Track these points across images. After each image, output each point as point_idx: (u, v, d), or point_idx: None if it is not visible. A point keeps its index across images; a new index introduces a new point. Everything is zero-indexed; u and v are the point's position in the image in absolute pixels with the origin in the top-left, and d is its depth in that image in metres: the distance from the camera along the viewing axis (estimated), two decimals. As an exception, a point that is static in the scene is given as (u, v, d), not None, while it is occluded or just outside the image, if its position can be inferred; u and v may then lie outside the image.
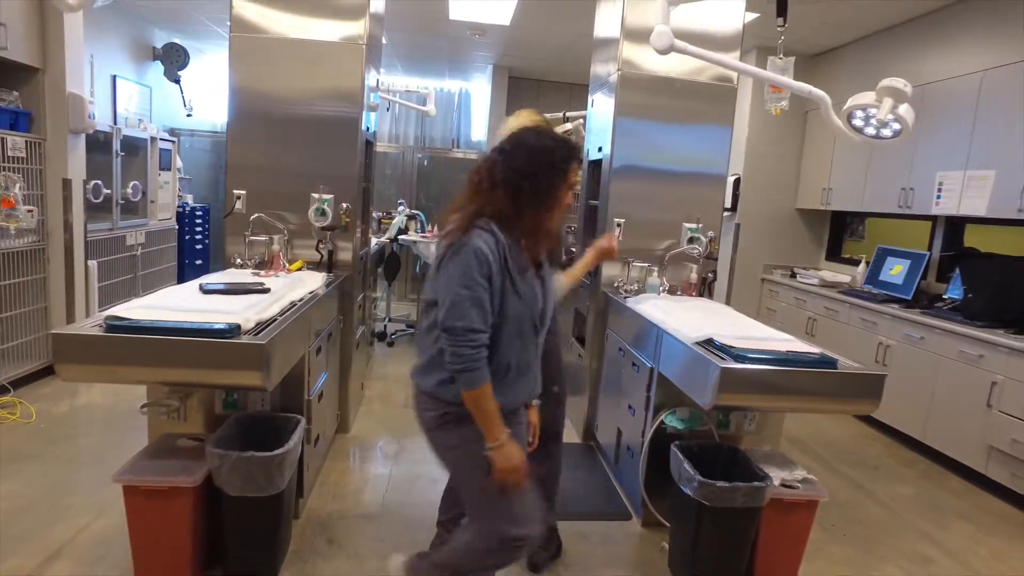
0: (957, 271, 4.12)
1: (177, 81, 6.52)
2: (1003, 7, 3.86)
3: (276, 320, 2.20)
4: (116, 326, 1.87)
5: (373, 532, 2.60)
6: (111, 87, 5.58)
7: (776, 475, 2.33)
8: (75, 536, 2.40)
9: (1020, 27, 3.73)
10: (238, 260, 3.19)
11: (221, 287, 2.43)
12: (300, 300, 2.61)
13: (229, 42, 3.21)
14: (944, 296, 4.20)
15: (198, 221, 6.47)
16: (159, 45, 6.36)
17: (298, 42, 3.24)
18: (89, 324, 1.96)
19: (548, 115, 5.82)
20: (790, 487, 2.32)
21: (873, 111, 2.06)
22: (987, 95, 3.91)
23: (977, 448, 3.46)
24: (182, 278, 6.06)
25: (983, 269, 3.91)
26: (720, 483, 2.17)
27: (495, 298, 1.59)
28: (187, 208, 6.30)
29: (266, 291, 2.46)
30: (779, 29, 2.18)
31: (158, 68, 6.38)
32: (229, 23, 3.25)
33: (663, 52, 2.29)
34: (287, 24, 3.24)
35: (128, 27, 5.84)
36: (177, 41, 6.46)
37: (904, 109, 2.01)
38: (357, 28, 3.29)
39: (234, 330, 1.92)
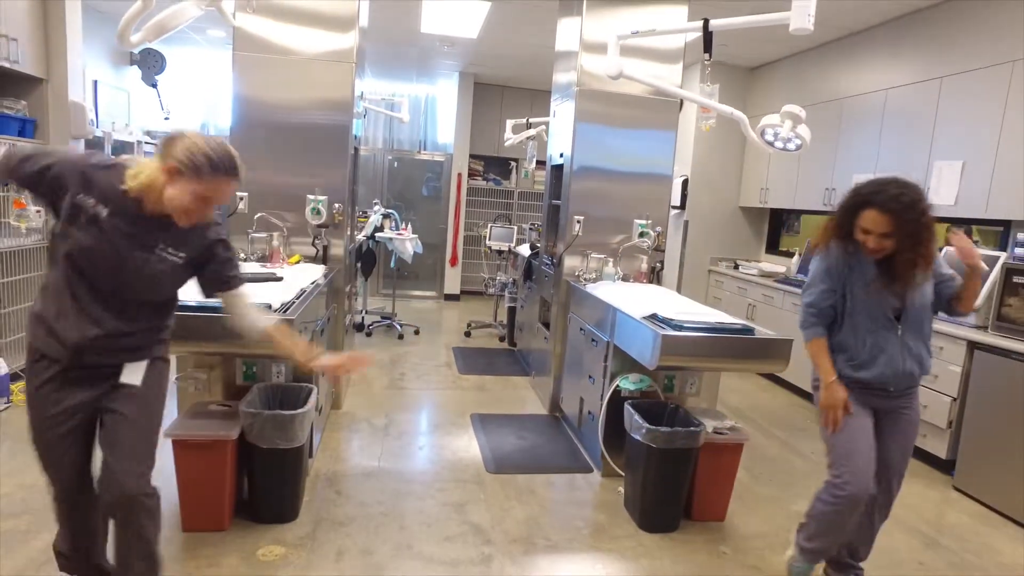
0: (870, 260, 4.75)
1: (154, 86, 6.75)
2: (900, 35, 4.51)
3: (295, 302, 2.61)
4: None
5: (374, 485, 3.04)
6: (93, 92, 5.81)
7: (709, 424, 2.85)
8: (117, 492, 2.76)
9: (916, 53, 4.37)
10: (241, 255, 3.56)
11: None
12: (307, 288, 3.02)
13: (232, 58, 3.57)
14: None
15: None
16: (136, 50, 6.59)
17: (295, 58, 3.63)
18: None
19: (511, 120, 6.35)
20: (720, 433, 2.85)
21: (779, 129, 2.60)
22: (890, 110, 4.55)
23: (883, 409, 4.08)
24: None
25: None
26: (663, 428, 2.68)
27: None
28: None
29: (279, 279, 2.87)
30: (706, 62, 2.70)
31: (135, 72, 6.61)
32: (219, 32, 3.61)
33: (614, 78, 2.79)
34: (285, 39, 3.63)
35: (108, 33, 6.06)
36: (153, 46, 6.70)
37: (802, 128, 2.55)
38: (348, 42, 3.70)
39: (267, 308, 2.33)
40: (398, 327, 6.16)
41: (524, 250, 5.69)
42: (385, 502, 2.89)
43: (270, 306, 2.37)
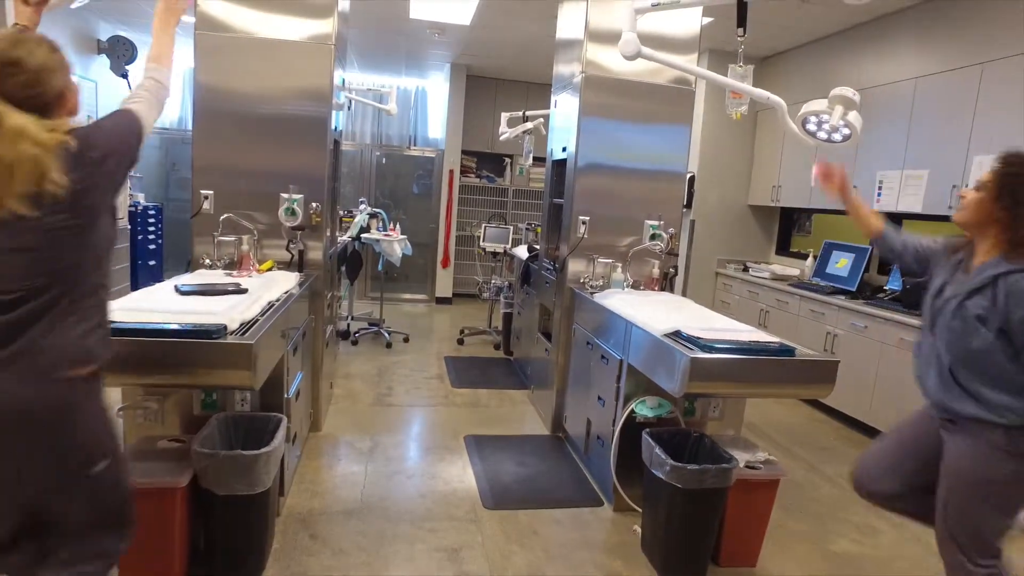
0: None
1: (124, 76, 6.31)
2: (932, 20, 4.15)
3: (258, 320, 2.22)
4: (100, 329, 1.86)
5: (355, 527, 2.64)
6: (55, 82, 5.37)
7: (740, 457, 2.48)
8: (50, 543, 2.36)
9: (948, 38, 4.02)
10: (207, 261, 3.16)
11: (198, 288, 2.42)
12: (277, 300, 2.62)
13: (194, 40, 3.16)
14: (885, 287, 4.49)
15: (151, 221, 6.30)
16: (104, 38, 6.15)
17: (266, 41, 3.22)
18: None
19: (506, 114, 5.96)
20: (753, 468, 2.48)
21: (826, 117, 2.23)
22: (920, 100, 4.20)
23: (916, 428, 3.73)
24: (136, 279, 5.89)
25: (919, 261, 4.21)
26: (691, 466, 2.31)
27: None
28: (139, 207, 6.12)
29: (243, 291, 2.47)
30: (739, 39, 2.32)
31: (103, 62, 6.17)
32: (192, 19, 3.20)
33: (630, 58, 2.41)
34: (254, 22, 3.22)
35: (71, 19, 5.62)
36: (123, 34, 6.26)
37: (853, 116, 2.18)
38: (326, 27, 3.29)
39: (220, 330, 1.94)
40: (386, 335, 5.76)
41: (520, 252, 5.31)
42: (367, 548, 2.50)
43: (226, 328, 1.96)
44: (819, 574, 2.57)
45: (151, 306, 2.09)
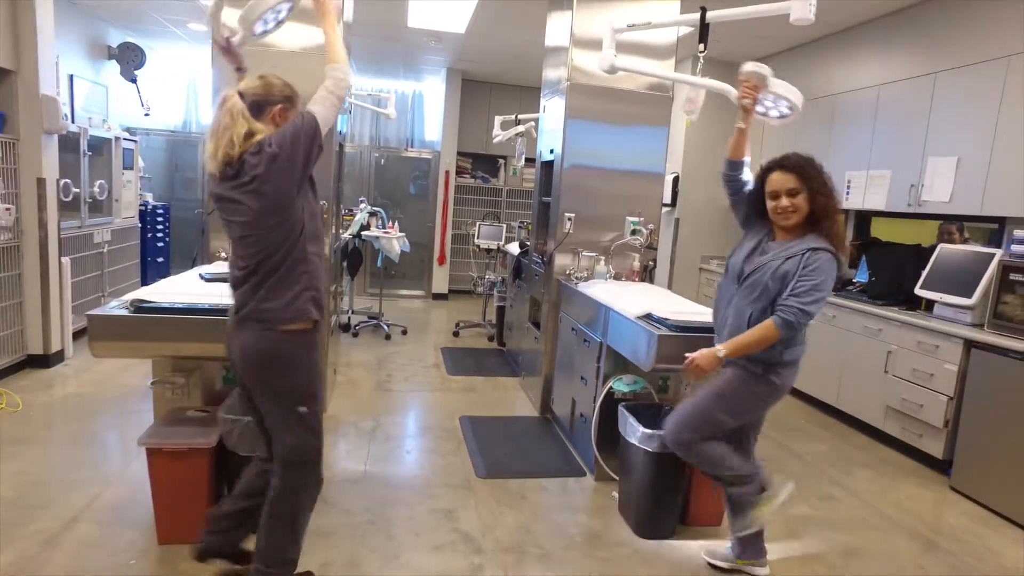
0: (864, 258, 4.72)
1: (134, 80, 6.58)
2: (894, 31, 4.46)
3: (276, 303, 2.50)
4: (142, 307, 2.15)
5: (360, 492, 2.93)
6: (69, 86, 5.64)
7: (706, 427, 2.77)
8: (90, 503, 2.64)
9: (907, 48, 4.33)
10: (223, 254, 3.44)
11: (220, 276, 2.70)
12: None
13: (211, 51, 3.43)
14: (854, 280, 4.79)
15: (159, 219, 6.57)
16: (114, 44, 6.42)
17: (278, 50, 3.50)
18: (116, 306, 2.22)
19: (500, 117, 6.24)
20: (717, 436, 2.77)
21: (761, 95, 2.47)
22: (883, 106, 4.51)
23: (877, 408, 4.04)
24: (145, 275, 6.16)
25: (883, 256, 4.51)
26: (659, 432, 2.60)
27: None
28: (148, 207, 6.40)
29: (260, 279, 2.75)
30: (699, 55, 2.62)
31: (113, 67, 6.44)
32: (198, 26, 3.47)
33: (610, 73, 2.70)
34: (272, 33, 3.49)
35: (84, 26, 5.90)
36: (132, 40, 6.53)
37: (782, 87, 2.40)
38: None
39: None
40: (385, 327, 6.04)
41: (513, 248, 5.60)
42: (372, 509, 2.79)
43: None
44: (778, 533, 2.86)
45: (183, 289, 2.38)
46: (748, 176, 2.44)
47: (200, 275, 2.72)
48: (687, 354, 2.25)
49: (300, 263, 1.90)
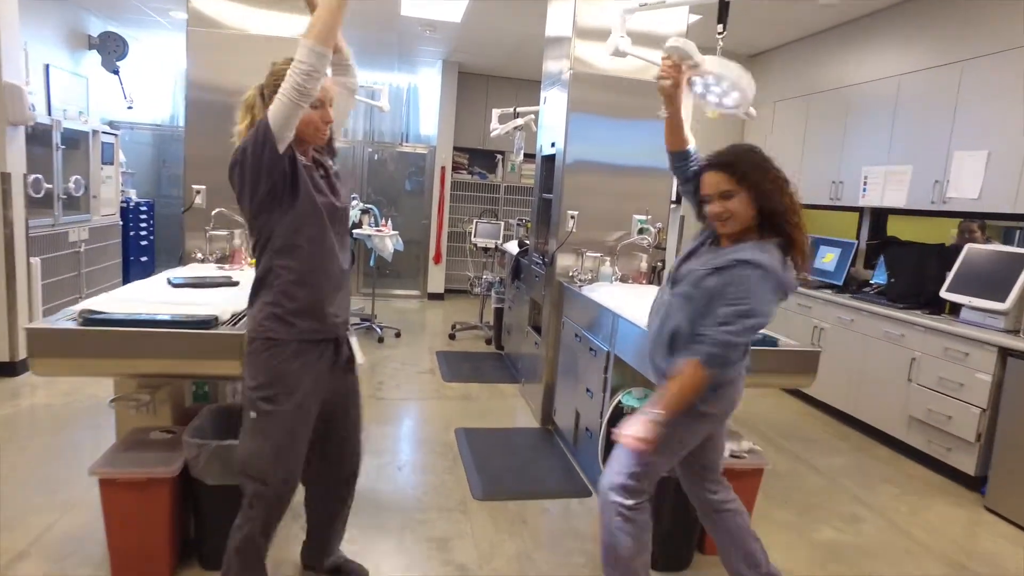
0: (881, 258, 4.47)
1: (116, 72, 6.30)
2: (915, 18, 4.21)
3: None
4: (92, 319, 1.89)
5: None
6: (44, 77, 5.36)
7: (725, 447, 2.52)
8: (42, 534, 2.38)
9: (930, 37, 4.08)
10: (199, 255, 3.18)
11: (189, 281, 2.44)
12: (268, 293, 2.64)
13: (186, 35, 3.17)
14: (871, 281, 4.55)
15: (142, 217, 6.30)
16: (95, 33, 6.13)
17: (259, 37, 3.24)
18: (63, 318, 1.96)
19: (498, 110, 5.98)
20: (738, 457, 2.53)
21: (712, 80, 2.14)
22: (904, 97, 4.26)
23: (899, 419, 3.79)
24: (127, 275, 5.90)
25: (903, 256, 4.27)
26: (675, 454, 2.34)
27: None
28: (131, 203, 6.12)
29: (235, 284, 2.50)
30: (718, 36, 2.36)
31: (94, 58, 6.15)
32: (183, 14, 3.21)
33: (621, 56, 2.44)
34: (247, 18, 3.24)
35: (60, 13, 5.61)
36: (114, 30, 6.25)
37: (721, 67, 2.02)
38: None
39: (212, 321, 1.96)
40: (378, 330, 5.78)
41: (511, 247, 5.34)
42: (358, 539, 2.53)
43: (216, 318, 1.99)
44: (802, 562, 2.62)
45: (143, 297, 2.12)
46: (699, 164, 2.07)
47: (168, 280, 2.46)
48: (615, 430, 1.88)
49: (268, 274, 1.75)
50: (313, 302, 1.76)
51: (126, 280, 5.78)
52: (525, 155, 6.00)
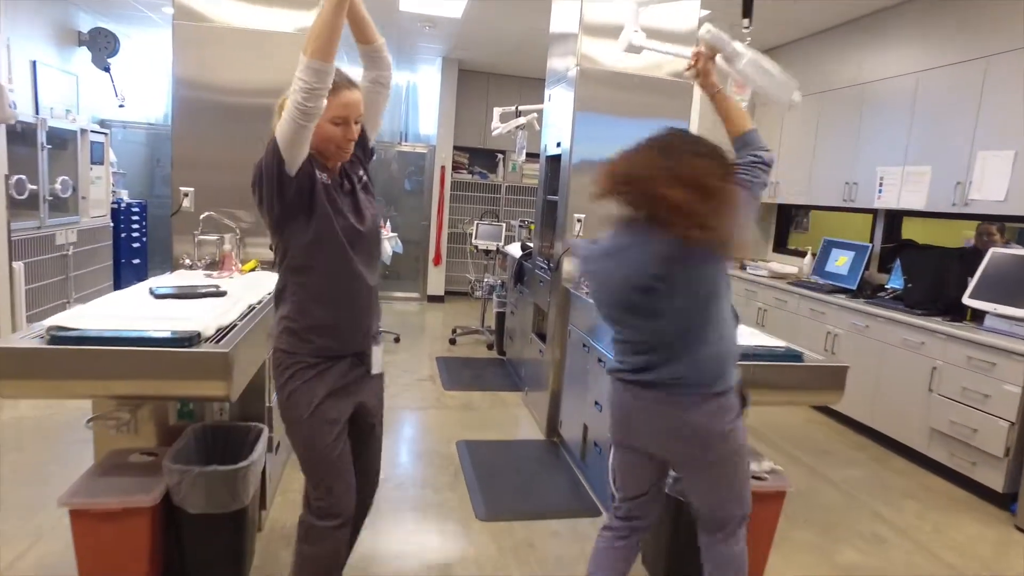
0: (897, 262, 4.31)
1: (107, 69, 6.12)
2: (935, 12, 4.04)
3: (237, 326, 2.08)
4: (61, 337, 1.72)
5: (341, 541, 2.51)
6: (31, 74, 5.18)
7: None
8: (12, 564, 2.21)
9: (952, 31, 3.92)
10: (187, 261, 3.02)
11: (173, 291, 2.28)
12: (259, 303, 2.48)
13: (172, 30, 3.00)
14: (886, 286, 4.39)
15: (134, 218, 6.13)
16: (85, 29, 5.96)
17: (249, 31, 3.07)
18: (30, 335, 1.79)
19: (499, 108, 5.82)
20: (759, 479, 2.37)
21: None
22: (922, 95, 4.10)
23: (919, 430, 3.64)
24: (118, 278, 5.73)
25: (921, 260, 4.10)
26: (694, 477, 2.19)
27: None
28: (122, 204, 5.95)
29: (222, 294, 2.33)
30: (744, 31, 2.20)
31: (85, 54, 5.98)
32: (172, 9, 3.04)
33: (635, 51, 2.29)
34: (236, 12, 3.07)
35: (49, 9, 5.43)
36: (105, 26, 6.07)
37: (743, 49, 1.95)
38: (312, 17, 3.13)
39: (194, 338, 1.80)
40: (376, 335, 5.61)
41: (513, 249, 5.18)
42: (354, 565, 2.36)
43: (200, 335, 1.83)
44: (826, 587, 2.47)
45: (119, 311, 1.95)
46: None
47: (151, 290, 2.30)
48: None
49: (285, 289, 1.72)
50: (330, 320, 1.68)
51: (117, 284, 5.61)
52: (527, 154, 5.84)
